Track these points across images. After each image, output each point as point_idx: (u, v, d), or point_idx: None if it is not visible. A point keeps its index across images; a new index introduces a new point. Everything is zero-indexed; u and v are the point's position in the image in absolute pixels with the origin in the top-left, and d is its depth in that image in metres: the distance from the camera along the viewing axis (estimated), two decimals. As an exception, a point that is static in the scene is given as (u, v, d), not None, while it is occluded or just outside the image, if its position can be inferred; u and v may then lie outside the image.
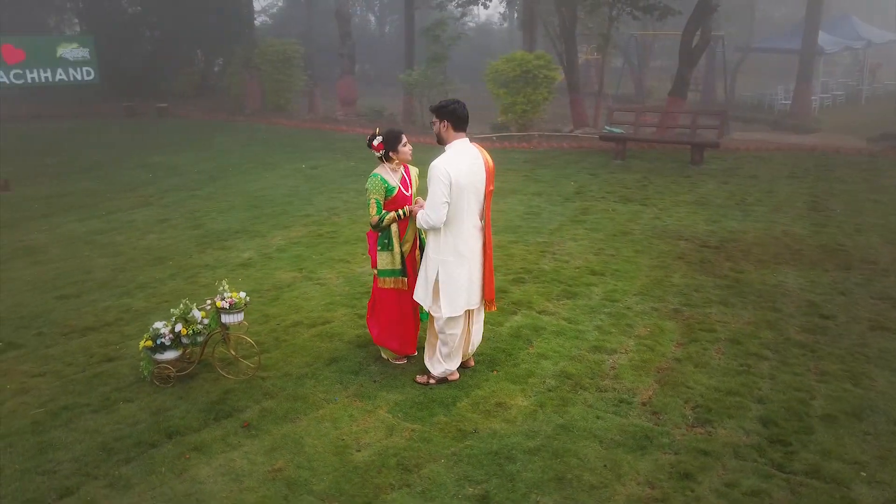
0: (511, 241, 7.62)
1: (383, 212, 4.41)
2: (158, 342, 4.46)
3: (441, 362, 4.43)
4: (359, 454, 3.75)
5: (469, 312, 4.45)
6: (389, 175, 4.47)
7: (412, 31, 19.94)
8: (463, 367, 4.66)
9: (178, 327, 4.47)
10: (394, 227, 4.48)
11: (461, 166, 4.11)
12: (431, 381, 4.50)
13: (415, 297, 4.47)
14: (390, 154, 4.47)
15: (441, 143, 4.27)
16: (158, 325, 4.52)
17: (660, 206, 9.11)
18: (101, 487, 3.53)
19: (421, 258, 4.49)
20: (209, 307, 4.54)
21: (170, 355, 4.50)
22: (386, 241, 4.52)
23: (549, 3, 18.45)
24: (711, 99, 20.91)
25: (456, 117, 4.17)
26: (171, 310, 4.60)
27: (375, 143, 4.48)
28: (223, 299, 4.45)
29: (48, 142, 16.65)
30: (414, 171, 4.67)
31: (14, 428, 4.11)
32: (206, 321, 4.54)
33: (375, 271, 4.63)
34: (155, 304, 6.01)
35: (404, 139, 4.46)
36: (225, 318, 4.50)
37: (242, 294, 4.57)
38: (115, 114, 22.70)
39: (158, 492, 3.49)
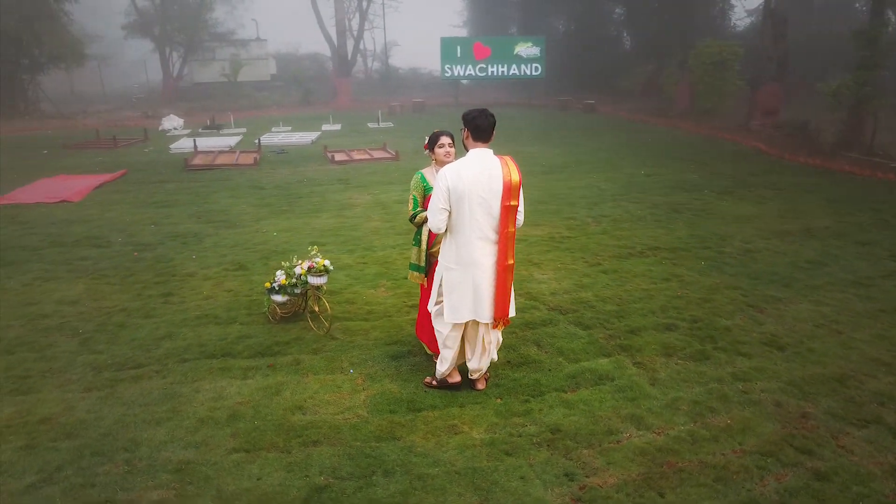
0: (732, 285, 6.42)
1: (419, 209, 4.55)
2: (272, 286, 5.53)
3: (441, 362, 4.43)
4: (297, 417, 4.16)
5: (476, 324, 4.30)
6: (432, 175, 4.56)
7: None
8: (471, 385, 4.52)
9: (283, 277, 5.46)
10: (426, 227, 4.57)
11: (466, 174, 4.01)
12: (434, 382, 4.53)
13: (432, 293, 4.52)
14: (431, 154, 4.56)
15: (466, 149, 4.22)
16: (279, 272, 5.59)
17: None
18: (154, 371, 4.79)
19: None
20: (304, 267, 5.40)
21: (278, 298, 5.53)
22: (419, 237, 4.65)
23: None
24: None
25: (475, 126, 4.08)
26: (283, 262, 5.62)
27: (426, 141, 4.63)
28: (308, 262, 5.26)
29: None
30: None
31: (176, 319, 5.72)
32: (302, 277, 5.41)
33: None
34: (343, 263, 7.20)
35: (442, 141, 4.47)
36: (311, 279, 5.31)
37: (327, 262, 5.30)
38: (550, 107, 25.21)
39: (172, 386, 4.56)
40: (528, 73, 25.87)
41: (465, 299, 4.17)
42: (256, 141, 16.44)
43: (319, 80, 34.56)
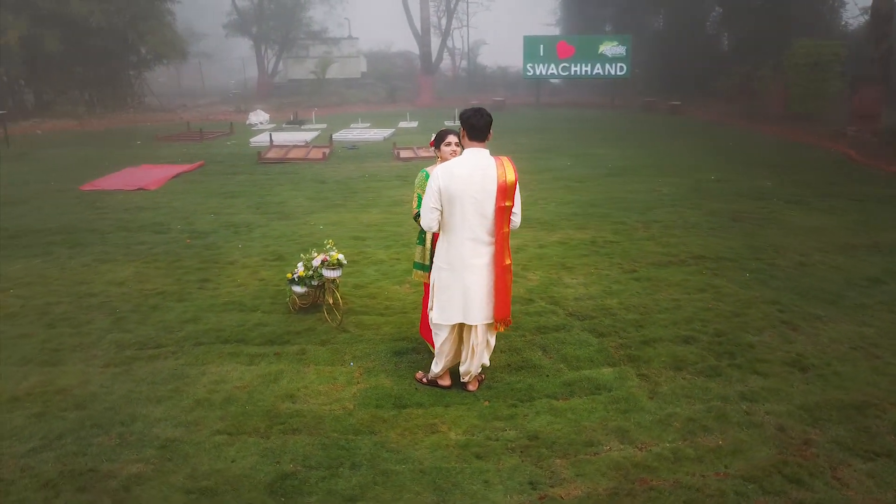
0: (772, 300, 6.08)
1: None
2: (293, 277, 5.72)
3: (435, 362, 4.46)
4: (286, 405, 4.30)
5: (459, 326, 4.30)
6: (437, 174, 4.57)
7: None
8: (463, 387, 4.52)
9: (302, 268, 5.64)
10: None
11: (458, 174, 4.01)
12: (424, 380, 4.56)
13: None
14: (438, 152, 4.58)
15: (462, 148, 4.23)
16: (300, 264, 5.77)
17: None
18: (170, 352, 5.07)
19: None
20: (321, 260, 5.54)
21: (297, 289, 5.71)
22: (423, 236, 4.68)
23: None
24: None
25: (470, 125, 4.07)
26: (301, 254, 5.79)
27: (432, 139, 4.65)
28: (323, 255, 5.40)
29: (551, 126, 19.50)
30: None
31: (205, 304, 6.02)
32: (320, 270, 5.56)
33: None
34: (377, 258, 7.32)
35: (449, 139, 4.48)
36: (325, 272, 5.46)
37: (340, 256, 5.42)
38: (634, 108, 24.53)
39: (182, 368, 4.81)
40: (613, 72, 25.26)
41: (454, 301, 4.17)
42: (329, 136, 16.93)
43: (407, 78, 35.12)
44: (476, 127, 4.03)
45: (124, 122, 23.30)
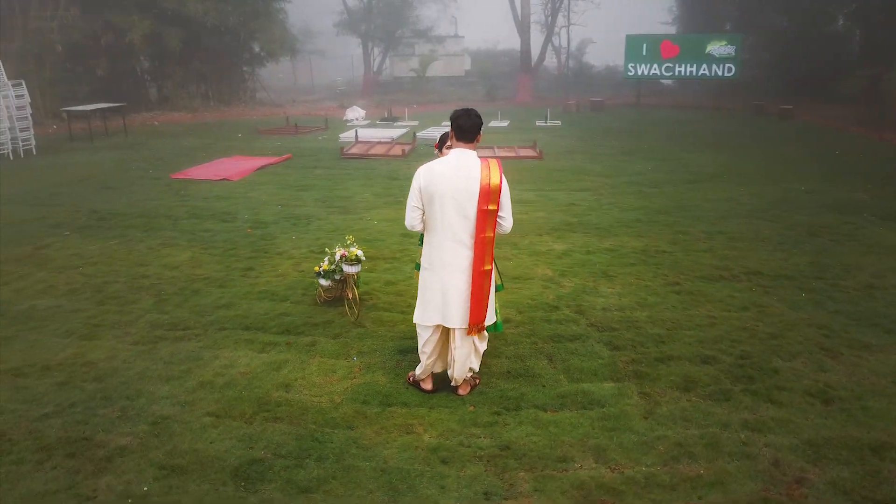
0: (820, 323, 5.63)
1: (422, 209, 4.60)
2: (319, 270, 5.92)
3: (419, 364, 4.49)
4: (279, 393, 4.47)
5: (445, 330, 4.31)
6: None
7: None
8: (453, 391, 4.51)
9: (325, 262, 5.81)
10: None
11: (439, 174, 4.02)
12: (411, 380, 4.61)
13: None
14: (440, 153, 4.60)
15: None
16: (326, 258, 5.96)
17: None
18: (194, 335, 5.38)
19: None
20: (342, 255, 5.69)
21: (323, 282, 5.90)
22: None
23: None
24: None
25: (457, 126, 4.08)
26: (326, 249, 5.96)
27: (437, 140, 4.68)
28: (343, 250, 5.55)
29: (644, 128, 18.87)
30: None
31: (242, 292, 6.33)
32: (342, 264, 5.71)
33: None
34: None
35: (451, 141, 4.48)
36: (345, 268, 5.61)
37: (359, 252, 5.55)
38: (740, 111, 23.21)
39: (199, 350, 5.10)
40: (721, 73, 23.98)
41: (434, 302, 4.17)
42: (413, 134, 17.20)
43: (510, 77, 35.01)
44: (463, 128, 4.02)
45: (235, 115, 24.75)
